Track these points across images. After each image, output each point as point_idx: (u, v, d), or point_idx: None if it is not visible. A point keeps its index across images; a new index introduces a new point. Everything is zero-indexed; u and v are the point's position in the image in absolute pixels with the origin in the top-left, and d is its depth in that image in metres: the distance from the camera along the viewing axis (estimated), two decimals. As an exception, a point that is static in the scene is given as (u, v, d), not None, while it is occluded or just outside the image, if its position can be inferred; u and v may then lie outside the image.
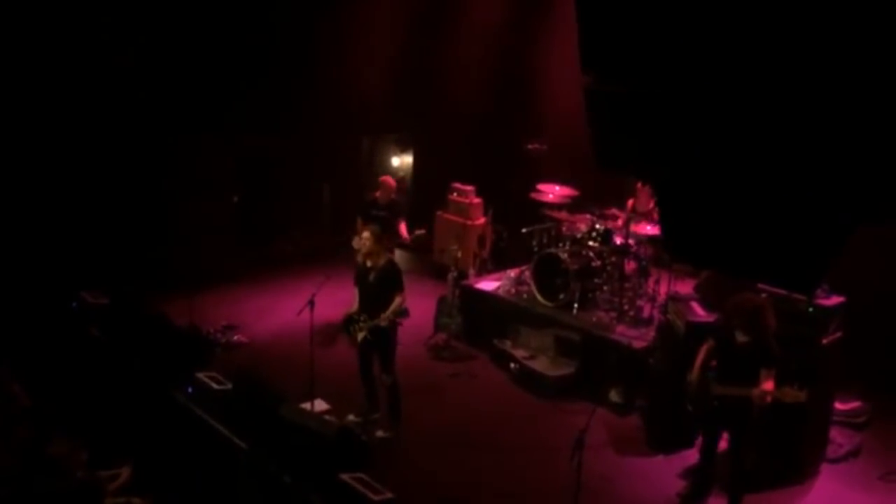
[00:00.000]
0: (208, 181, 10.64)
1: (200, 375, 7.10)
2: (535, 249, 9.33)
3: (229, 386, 6.97)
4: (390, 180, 9.44)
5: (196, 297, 8.94)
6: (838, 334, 6.67)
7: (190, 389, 6.99)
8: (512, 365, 8.55)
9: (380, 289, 7.01)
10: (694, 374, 6.08)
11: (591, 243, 9.00)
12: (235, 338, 9.07)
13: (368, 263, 7.08)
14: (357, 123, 11.76)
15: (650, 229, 8.70)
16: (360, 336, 7.12)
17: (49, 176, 9.33)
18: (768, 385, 5.68)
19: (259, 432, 6.29)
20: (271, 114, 10.86)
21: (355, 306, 7.21)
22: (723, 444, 6.32)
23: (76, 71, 9.34)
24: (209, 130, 10.42)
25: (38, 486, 4.66)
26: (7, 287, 8.40)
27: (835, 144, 2.19)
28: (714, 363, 6.06)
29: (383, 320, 6.95)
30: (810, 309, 6.51)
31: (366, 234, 7.10)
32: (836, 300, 6.62)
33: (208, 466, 6.25)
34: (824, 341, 6.53)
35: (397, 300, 6.95)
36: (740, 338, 5.85)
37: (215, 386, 6.98)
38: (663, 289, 8.72)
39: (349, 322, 7.21)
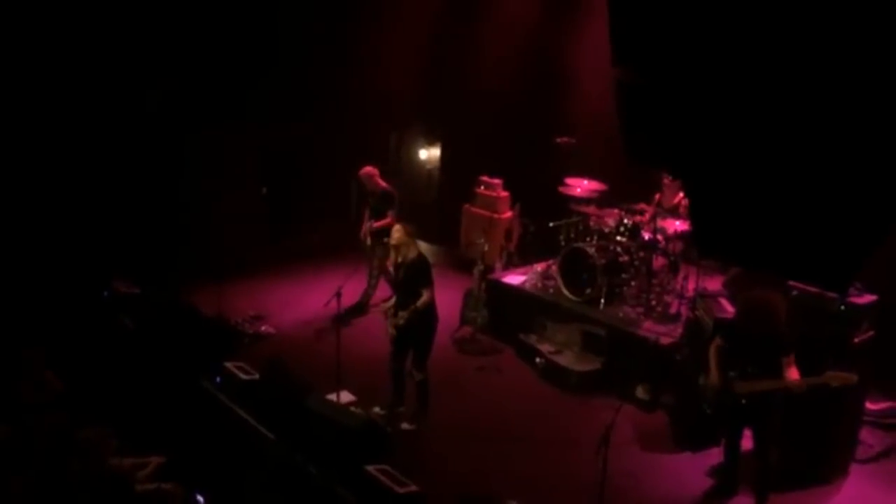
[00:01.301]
0: (237, 174, 10.74)
1: (228, 365, 7.18)
2: (563, 244, 9.29)
3: (256, 376, 7.04)
4: (368, 170, 9.34)
5: (224, 288, 9.03)
6: (870, 333, 6.57)
7: (218, 379, 7.06)
8: (538, 359, 8.53)
9: (408, 283, 7.01)
10: (713, 376, 6.01)
11: (618, 238, 8.95)
12: (263, 328, 9.14)
13: (399, 258, 7.08)
14: (385, 116, 11.77)
15: (678, 224, 8.63)
16: (390, 331, 7.15)
17: (83, 168, 9.46)
18: (793, 373, 5.65)
19: (285, 423, 6.35)
20: (300, 107, 10.92)
21: (393, 300, 7.24)
22: (749, 443, 6.25)
23: (112, 66, 9.45)
24: (238, 124, 10.50)
25: (69, 471, 4.73)
26: (41, 276, 8.55)
27: (871, 140, 2.15)
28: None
29: (400, 318, 6.96)
30: (842, 307, 6.42)
31: (396, 226, 7.12)
32: (868, 298, 6.52)
33: (235, 455, 6.32)
34: (856, 340, 6.44)
35: (423, 296, 6.94)
36: (753, 332, 5.81)
37: (243, 376, 7.05)
38: (691, 285, 8.63)
39: (386, 315, 7.27)
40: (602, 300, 8.62)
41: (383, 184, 9.35)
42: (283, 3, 10.50)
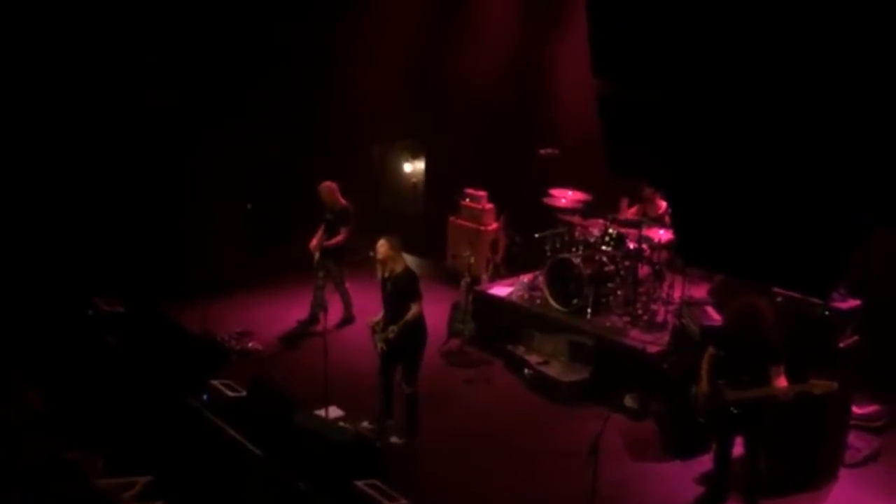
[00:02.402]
0: (222, 188, 10.69)
1: (215, 382, 7.12)
2: (548, 254, 9.31)
3: (243, 393, 6.99)
4: (328, 185, 9.32)
5: (210, 304, 8.97)
6: (854, 338, 6.62)
7: (205, 397, 7.01)
8: (525, 370, 8.53)
9: (396, 297, 6.99)
10: (703, 385, 6.04)
11: (604, 248, 8.97)
12: (250, 344, 9.09)
13: (386, 273, 7.06)
14: (368, 130, 11.78)
15: (663, 234, 8.67)
16: (378, 346, 7.11)
17: (64, 183, 9.39)
18: (782, 381, 5.68)
19: (273, 439, 6.30)
20: (285, 121, 10.90)
21: (380, 314, 7.21)
22: (739, 450, 6.27)
23: (90, 78, 9.41)
24: (223, 138, 10.47)
25: (54, 492, 4.68)
26: (22, 293, 8.46)
27: (850, 147, 2.18)
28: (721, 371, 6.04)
29: (390, 332, 6.93)
30: (826, 312, 6.47)
31: (381, 241, 7.10)
32: (852, 303, 6.58)
33: (223, 473, 6.26)
34: (840, 345, 6.49)
35: (413, 309, 6.92)
36: (743, 340, 5.84)
37: (229, 393, 7.00)
38: (677, 293, 8.68)
39: (372, 330, 7.23)
40: (589, 310, 8.63)
41: (343, 201, 9.32)
42: (269, 15, 10.49)
